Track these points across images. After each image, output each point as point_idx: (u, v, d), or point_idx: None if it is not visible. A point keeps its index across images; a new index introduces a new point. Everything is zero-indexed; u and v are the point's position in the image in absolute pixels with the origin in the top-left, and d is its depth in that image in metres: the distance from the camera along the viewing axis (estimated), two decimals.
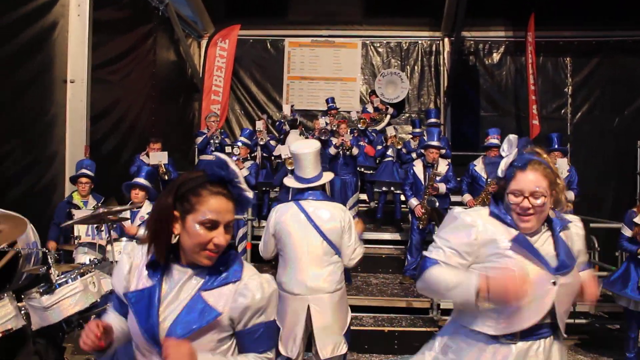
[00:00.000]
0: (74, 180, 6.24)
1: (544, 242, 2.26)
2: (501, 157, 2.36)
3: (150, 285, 1.79)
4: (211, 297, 1.76)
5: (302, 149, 3.75)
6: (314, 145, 3.82)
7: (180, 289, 1.79)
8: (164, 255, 1.79)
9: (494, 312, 2.19)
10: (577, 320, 6.11)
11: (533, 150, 2.29)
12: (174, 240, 1.79)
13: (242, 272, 1.82)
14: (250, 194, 1.82)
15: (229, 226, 1.78)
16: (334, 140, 8.29)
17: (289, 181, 3.90)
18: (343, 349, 3.71)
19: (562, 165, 7.02)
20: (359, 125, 9.33)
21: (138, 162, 7.60)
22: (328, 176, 3.90)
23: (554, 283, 2.16)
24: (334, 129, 8.62)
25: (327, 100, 10.43)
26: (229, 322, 1.78)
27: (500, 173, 2.32)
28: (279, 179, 8.11)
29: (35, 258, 4.24)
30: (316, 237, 3.67)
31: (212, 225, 1.73)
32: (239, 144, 8.12)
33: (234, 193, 1.79)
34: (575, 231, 2.33)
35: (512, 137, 2.37)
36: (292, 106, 10.68)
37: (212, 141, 9.06)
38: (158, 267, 1.81)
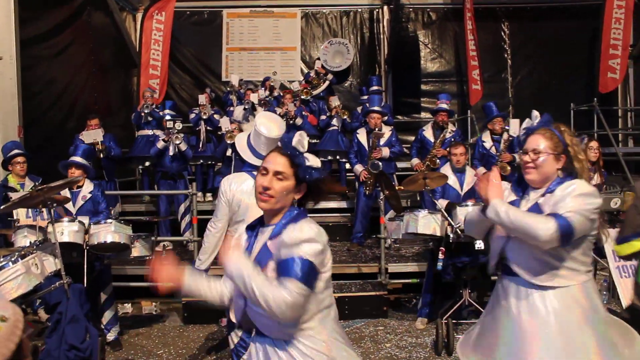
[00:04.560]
0: (7, 162, 5.98)
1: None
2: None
3: None
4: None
5: (270, 131, 3.59)
6: (282, 127, 3.70)
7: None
8: None
9: None
10: None
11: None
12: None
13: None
14: None
15: None
16: (278, 110, 8.24)
17: (246, 154, 3.70)
18: None
19: (515, 125, 7.07)
20: (302, 96, 9.31)
21: (77, 142, 7.26)
22: None
23: None
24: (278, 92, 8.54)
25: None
26: None
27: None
28: (220, 153, 8.03)
29: None
30: None
31: None
32: (167, 117, 7.91)
33: None
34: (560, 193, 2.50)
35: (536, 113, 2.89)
36: (240, 79, 10.47)
37: (142, 114, 8.82)
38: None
